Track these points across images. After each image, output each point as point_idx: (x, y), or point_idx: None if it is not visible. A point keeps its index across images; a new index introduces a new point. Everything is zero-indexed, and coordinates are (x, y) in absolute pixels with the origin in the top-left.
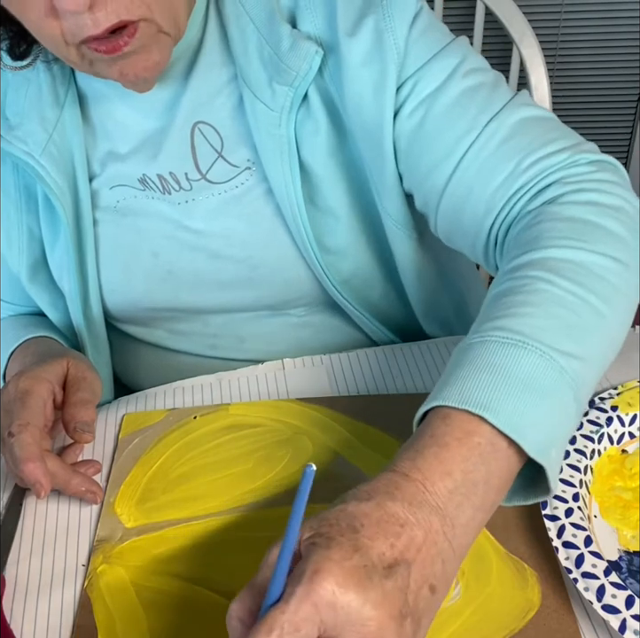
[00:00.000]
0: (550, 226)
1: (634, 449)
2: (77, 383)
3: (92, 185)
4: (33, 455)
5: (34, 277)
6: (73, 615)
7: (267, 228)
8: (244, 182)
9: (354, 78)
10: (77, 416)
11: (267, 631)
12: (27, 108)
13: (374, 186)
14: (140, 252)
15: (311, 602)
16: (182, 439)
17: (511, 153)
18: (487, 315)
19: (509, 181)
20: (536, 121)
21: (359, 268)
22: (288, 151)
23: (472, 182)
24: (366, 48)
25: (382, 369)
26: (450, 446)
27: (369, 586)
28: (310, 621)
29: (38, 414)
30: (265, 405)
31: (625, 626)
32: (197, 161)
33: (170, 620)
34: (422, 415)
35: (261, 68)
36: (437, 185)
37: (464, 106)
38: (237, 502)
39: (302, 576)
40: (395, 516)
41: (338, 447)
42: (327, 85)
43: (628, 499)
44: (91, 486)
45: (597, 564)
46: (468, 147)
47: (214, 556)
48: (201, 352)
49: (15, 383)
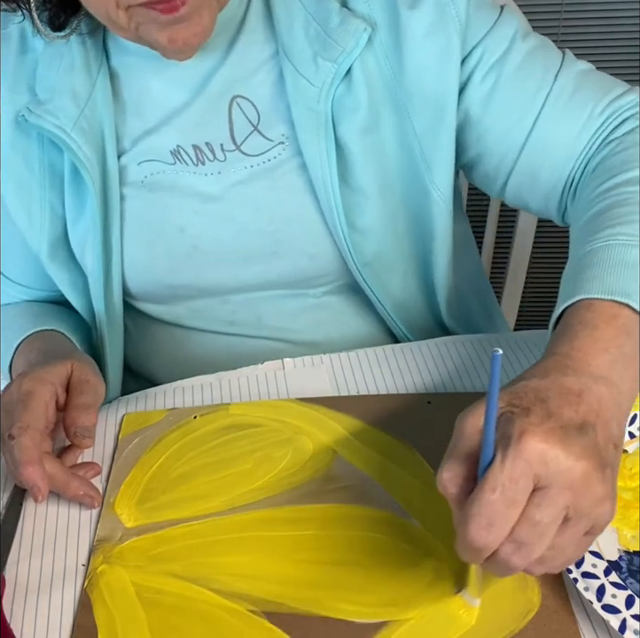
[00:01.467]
0: (634, 151)
1: (634, 449)
2: (80, 386)
3: (120, 161)
4: (32, 459)
5: (54, 255)
6: (73, 615)
7: (297, 202)
8: (276, 156)
9: (416, 50)
10: (78, 420)
11: (491, 489)
12: (58, 83)
13: (424, 160)
14: (166, 228)
15: (524, 459)
16: (182, 439)
17: (583, 102)
18: (597, 225)
19: (587, 125)
20: (591, 73)
21: (382, 250)
22: (325, 126)
23: (552, 134)
24: (428, 20)
25: (382, 368)
26: (600, 327)
27: (569, 441)
28: (525, 476)
29: (39, 416)
30: (265, 405)
31: (625, 626)
32: (233, 133)
33: (170, 620)
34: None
35: (306, 44)
36: (514, 145)
37: (530, 68)
38: (237, 502)
39: (510, 439)
40: (571, 388)
41: (338, 446)
42: (378, 61)
43: (628, 499)
44: (90, 490)
45: (597, 564)
46: (542, 104)
47: (214, 556)
48: (219, 329)
49: (18, 384)
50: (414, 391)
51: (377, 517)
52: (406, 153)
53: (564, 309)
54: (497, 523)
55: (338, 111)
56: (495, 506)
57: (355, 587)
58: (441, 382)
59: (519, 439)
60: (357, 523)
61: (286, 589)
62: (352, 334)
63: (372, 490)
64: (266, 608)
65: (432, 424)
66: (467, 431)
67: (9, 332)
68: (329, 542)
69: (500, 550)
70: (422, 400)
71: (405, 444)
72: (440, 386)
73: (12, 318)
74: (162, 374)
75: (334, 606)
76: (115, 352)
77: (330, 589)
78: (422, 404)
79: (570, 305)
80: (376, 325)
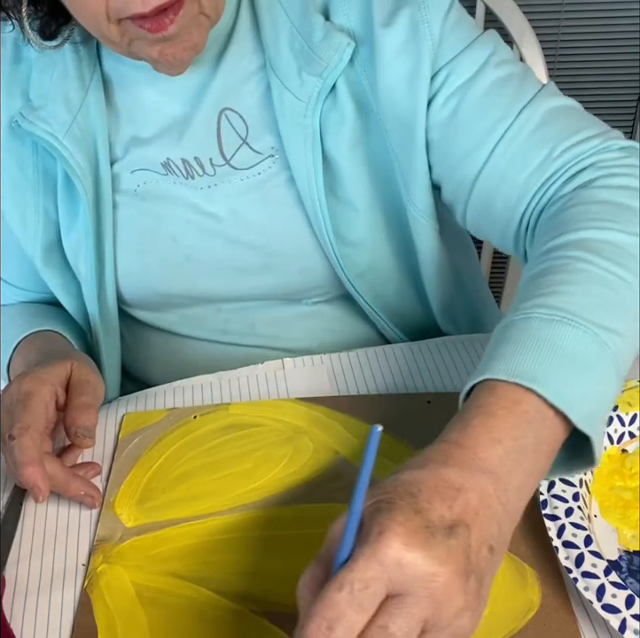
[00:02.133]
0: (584, 209)
1: (634, 449)
2: (80, 386)
3: (113, 169)
4: (32, 459)
5: (48, 260)
6: (73, 615)
7: (286, 216)
8: (266, 170)
9: (388, 68)
10: (79, 420)
11: (337, 588)
12: (51, 90)
13: (401, 177)
14: (159, 237)
15: (378, 560)
16: (182, 439)
17: (543, 141)
18: (527, 293)
19: (542, 167)
20: (565, 110)
21: (375, 261)
22: (312, 140)
23: (506, 170)
24: (401, 39)
25: (382, 368)
26: (498, 415)
27: (433, 543)
28: (378, 579)
29: (39, 417)
30: (265, 404)
31: (625, 626)
32: (222, 147)
33: (170, 620)
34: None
35: (292, 58)
36: (469, 173)
37: (496, 96)
38: (237, 502)
39: (368, 537)
40: (450, 481)
41: (338, 446)
42: (358, 77)
43: (628, 498)
44: (90, 489)
45: (597, 564)
46: (501, 136)
47: (214, 555)
48: (212, 337)
49: (18, 384)
50: (414, 391)
51: None
52: (388, 169)
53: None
54: (339, 627)
55: (325, 125)
56: (339, 607)
57: None
58: (441, 382)
59: (378, 538)
60: None
61: (287, 589)
62: (346, 341)
63: None
64: (266, 608)
65: (432, 423)
66: (333, 536)
67: (6, 333)
68: None
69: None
70: (422, 399)
71: (405, 444)
72: (440, 386)
73: (10, 319)
74: (158, 379)
75: None
76: (112, 356)
77: None
78: (422, 404)
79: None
80: (370, 332)
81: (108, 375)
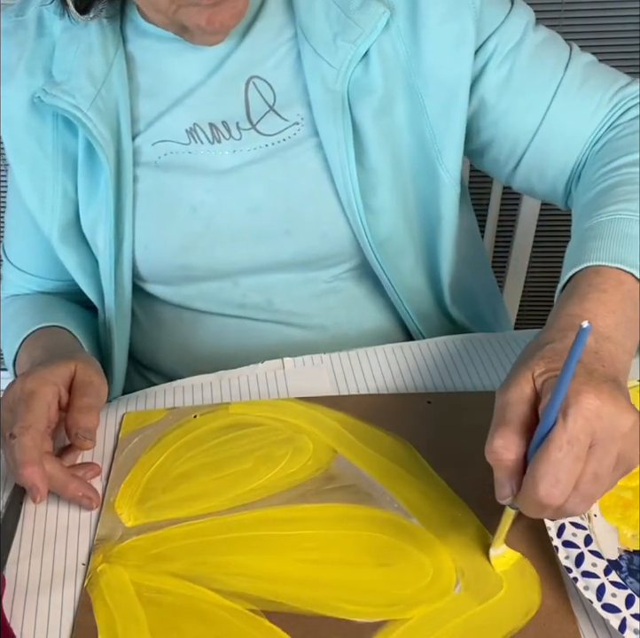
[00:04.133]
0: (636, 137)
1: None
2: (83, 387)
3: (135, 143)
4: (32, 459)
5: (65, 238)
6: (73, 614)
7: (311, 181)
8: (291, 136)
9: (432, 34)
10: (80, 422)
11: (558, 448)
12: (75, 65)
13: (434, 143)
14: (178, 207)
15: (584, 416)
16: (182, 439)
17: (592, 90)
18: (602, 202)
19: (597, 111)
20: (597, 64)
21: (394, 232)
22: (342, 107)
23: (564, 119)
24: (445, 6)
25: (382, 368)
26: (608, 291)
27: (615, 395)
28: (585, 432)
29: (41, 416)
30: (265, 404)
31: (625, 625)
32: (249, 112)
33: (170, 619)
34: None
35: (327, 26)
36: (530, 127)
37: (542, 57)
38: (237, 502)
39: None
40: (590, 347)
41: (338, 446)
42: (393, 44)
43: (628, 498)
44: (88, 491)
45: (597, 563)
46: (555, 91)
47: (214, 555)
48: (229, 311)
49: (21, 383)
50: (414, 390)
51: (377, 516)
52: (417, 136)
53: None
54: (564, 479)
55: (354, 92)
56: (563, 463)
57: (355, 587)
58: (442, 381)
59: (576, 399)
60: (357, 522)
61: (286, 588)
62: (360, 321)
63: (372, 489)
64: (266, 607)
65: (432, 423)
66: (513, 401)
67: (14, 325)
68: (329, 542)
69: (567, 503)
70: (422, 399)
71: (405, 443)
72: (440, 386)
73: (18, 311)
74: (169, 361)
75: (334, 605)
76: (122, 339)
77: (330, 589)
78: (422, 404)
79: (576, 272)
80: (384, 311)
81: (117, 360)
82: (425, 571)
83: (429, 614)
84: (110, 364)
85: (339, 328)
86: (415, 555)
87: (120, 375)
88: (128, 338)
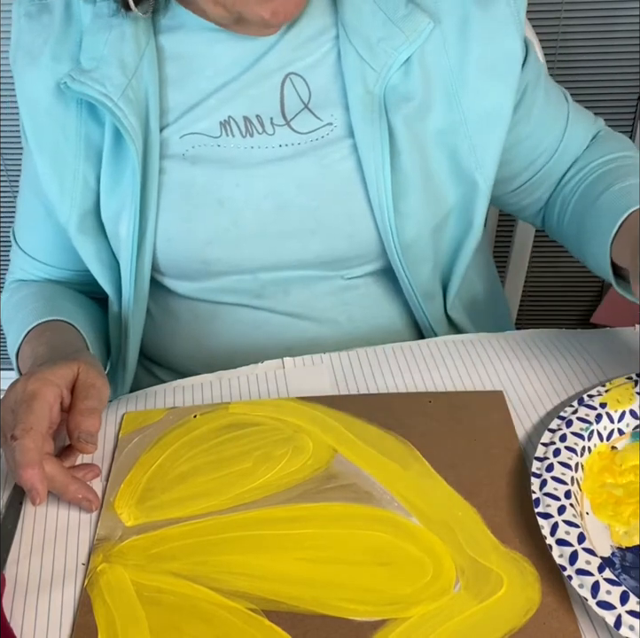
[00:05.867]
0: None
1: (623, 445)
2: (86, 389)
3: (162, 134)
4: (32, 461)
5: (82, 227)
6: (73, 614)
7: (342, 181)
8: (324, 136)
9: (480, 49)
10: (82, 424)
11: None
12: (106, 53)
13: (474, 152)
14: (205, 201)
15: None
16: (181, 438)
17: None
18: (615, 174)
19: (587, 139)
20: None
21: (420, 235)
22: (379, 111)
23: (571, 147)
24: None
25: (382, 367)
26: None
27: None
28: None
29: (43, 418)
30: (265, 404)
31: (620, 622)
32: (283, 108)
33: (170, 619)
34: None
35: (371, 30)
36: (549, 150)
37: (551, 94)
38: (237, 501)
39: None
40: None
41: (338, 445)
42: (438, 55)
43: (619, 495)
44: (88, 493)
45: (591, 561)
46: (566, 121)
47: (214, 554)
48: (245, 302)
49: (24, 384)
50: (414, 390)
51: (377, 515)
52: (452, 146)
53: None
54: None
55: (390, 97)
56: None
57: (355, 586)
58: (441, 382)
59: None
60: (357, 521)
61: (286, 588)
62: (374, 316)
63: (372, 488)
64: (266, 606)
65: (432, 423)
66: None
67: (20, 315)
68: (328, 541)
69: None
70: (422, 399)
71: (405, 443)
72: (440, 386)
73: (24, 298)
74: (182, 356)
75: (334, 604)
76: (136, 332)
77: (329, 588)
78: (422, 403)
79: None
80: (399, 310)
81: (131, 353)
82: (425, 570)
83: (429, 613)
84: (120, 358)
85: (352, 323)
86: (415, 554)
87: (131, 368)
88: (141, 332)
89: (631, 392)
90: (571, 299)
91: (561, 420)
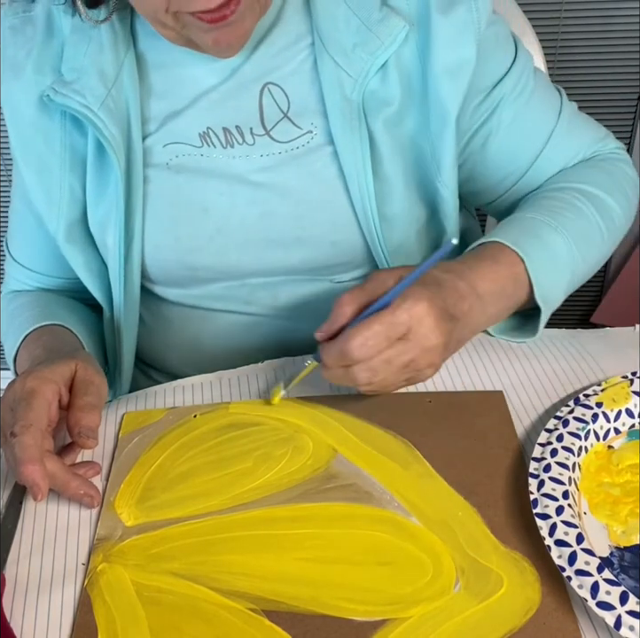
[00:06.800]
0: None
1: (619, 445)
2: (84, 386)
3: (145, 143)
4: (33, 458)
5: (70, 236)
6: (73, 613)
7: (325, 189)
8: (304, 144)
9: (441, 52)
10: (82, 421)
11: (380, 323)
12: (86, 64)
13: (434, 158)
14: (190, 210)
15: (410, 313)
16: (181, 438)
17: (577, 141)
18: (539, 205)
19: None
20: (578, 113)
21: (406, 238)
22: (358, 117)
23: (552, 164)
24: (454, 30)
25: None
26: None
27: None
28: (404, 325)
29: (42, 415)
30: (265, 403)
31: (620, 623)
32: (263, 118)
33: (170, 619)
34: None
35: (346, 36)
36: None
37: (538, 104)
38: (237, 501)
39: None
40: (459, 290)
41: (338, 445)
42: (412, 59)
43: (617, 494)
44: (89, 489)
45: (590, 561)
46: (548, 138)
47: (214, 554)
48: (235, 308)
49: (22, 382)
50: (414, 390)
51: (377, 515)
52: (421, 150)
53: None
54: (370, 345)
55: (369, 103)
56: (377, 334)
57: (355, 586)
58: (442, 381)
59: (415, 298)
60: (357, 521)
61: (286, 587)
62: None
63: (372, 488)
64: (266, 606)
65: (432, 423)
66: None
67: (15, 323)
68: (328, 541)
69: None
70: (422, 399)
71: (405, 442)
72: (440, 385)
73: (20, 307)
74: (177, 361)
75: (334, 604)
76: (130, 338)
77: (329, 587)
78: (422, 403)
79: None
80: None
81: (126, 359)
82: (425, 570)
83: (429, 613)
84: (117, 363)
85: None
86: (415, 553)
87: (127, 373)
88: (136, 337)
89: (627, 391)
90: (571, 299)
91: (558, 420)
